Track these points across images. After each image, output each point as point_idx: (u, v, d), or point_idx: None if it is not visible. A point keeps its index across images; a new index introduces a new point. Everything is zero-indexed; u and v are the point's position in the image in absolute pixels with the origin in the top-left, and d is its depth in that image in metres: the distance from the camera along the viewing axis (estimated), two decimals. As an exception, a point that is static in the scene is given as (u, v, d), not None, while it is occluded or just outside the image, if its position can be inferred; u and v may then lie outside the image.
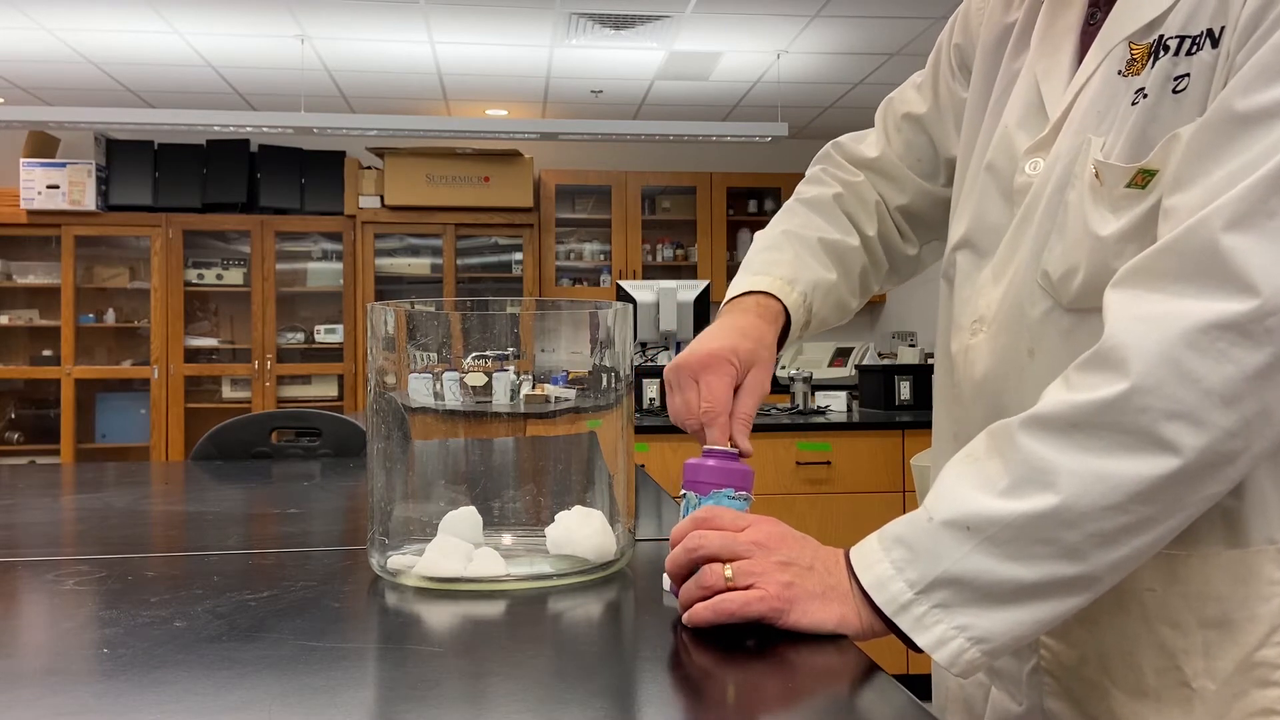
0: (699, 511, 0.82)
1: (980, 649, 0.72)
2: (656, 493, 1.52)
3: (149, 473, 2.03)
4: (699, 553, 0.77)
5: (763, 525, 0.79)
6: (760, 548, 0.76)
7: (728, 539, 0.77)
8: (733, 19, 4.70)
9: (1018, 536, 0.71)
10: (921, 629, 0.73)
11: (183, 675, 0.67)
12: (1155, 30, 0.77)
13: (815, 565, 0.77)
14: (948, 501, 0.74)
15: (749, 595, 0.74)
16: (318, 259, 6.53)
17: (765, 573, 0.75)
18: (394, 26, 4.76)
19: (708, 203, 6.69)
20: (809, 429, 3.49)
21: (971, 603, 0.72)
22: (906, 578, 0.73)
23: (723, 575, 0.75)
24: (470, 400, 0.94)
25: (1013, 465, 0.72)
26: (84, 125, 5.39)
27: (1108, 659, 0.81)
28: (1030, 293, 0.83)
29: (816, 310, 1.04)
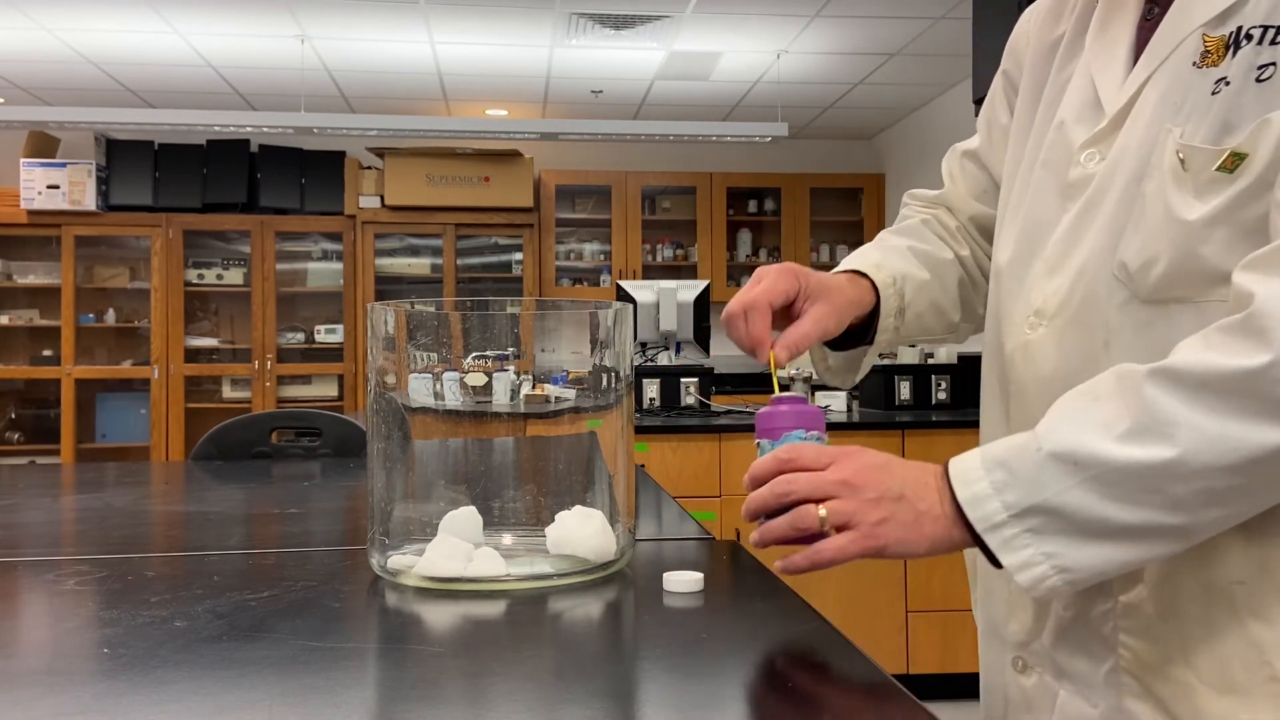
0: (780, 450, 0.82)
1: (1063, 578, 0.75)
2: (656, 493, 1.52)
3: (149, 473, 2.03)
4: (789, 498, 0.79)
5: (847, 461, 0.80)
6: (848, 486, 0.78)
7: (816, 481, 0.79)
8: (733, 19, 4.70)
9: (1125, 481, 0.72)
10: (1009, 550, 0.75)
11: (183, 675, 0.67)
12: (1230, 21, 0.78)
13: (905, 493, 0.79)
14: (1059, 435, 0.75)
15: (844, 541, 0.78)
16: (318, 259, 6.53)
17: (858, 512, 0.77)
18: (394, 26, 4.76)
19: (708, 203, 6.69)
20: (809, 429, 3.49)
21: (1063, 533, 0.74)
22: (1003, 499, 0.75)
23: (817, 517, 0.78)
24: (470, 400, 0.94)
25: (1135, 412, 0.73)
26: (84, 125, 5.39)
27: (1193, 655, 0.79)
28: (1105, 285, 0.82)
29: (910, 301, 1.04)
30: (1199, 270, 0.77)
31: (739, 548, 1.11)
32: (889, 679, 0.68)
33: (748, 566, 1.02)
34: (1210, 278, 0.77)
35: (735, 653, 0.74)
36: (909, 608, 3.49)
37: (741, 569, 1.02)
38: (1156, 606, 0.81)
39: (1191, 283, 0.78)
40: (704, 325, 4.17)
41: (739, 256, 6.84)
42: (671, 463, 3.44)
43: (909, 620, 3.49)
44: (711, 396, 3.96)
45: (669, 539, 1.18)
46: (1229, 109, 0.76)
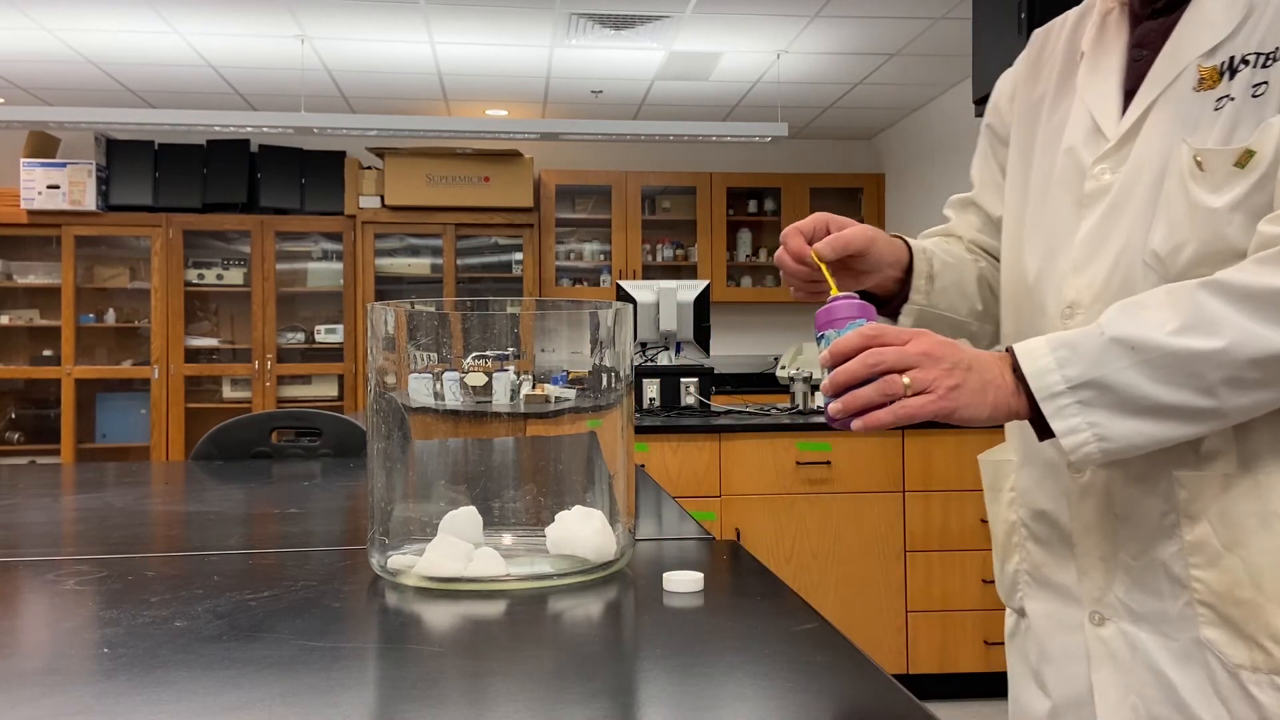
0: (866, 329, 0.93)
1: (1100, 446, 0.90)
2: (656, 493, 1.52)
3: (149, 473, 2.03)
4: (880, 366, 0.90)
5: (924, 338, 0.92)
6: (928, 357, 0.91)
7: (901, 353, 0.91)
8: (733, 19, 4.70)
9: (1171, 365, 0.88)
10: (1060, 417, 0.90)
11: (183, 675, 0.67)
12: (1220, 53, 0.96)
13: (973, 365, 0.92)
14: (1121, 325, 0.90)
15: (924, 400, 0.90)
16: (318, 259, 6.53)
17: (936, 379, 0.90)
18: (394, 26, 4.76)
19: (708, 203, 6.68)
20: (809, 429, 3.50)
21: (1109, 407, 0.89)
22: (1064, 373, 0.90)
23: (901, 383, 0.90)
24: (470, 400, 0.94)
25: (1185, 313, 0.88)
26: (84, 125, 5.38)
27: (1260, 576, 0.92)
28: (1139, 272, 0.97)
29: (937, 273, 1.17)
30: (1224, 249, 0.92)
31: (739, 548, 1.11)
32: (889, 679, 0.68)
33: (748, 566, 1.02)
34: (1231, 255, 0.91)
35: (735, 653, 0.74)
36: (909, 608, 3.49)
37: (741, 569, 1.02)
38: (1221, 539, 0.93)
39: (1216, 262, 0.92)
40: (704, 325, 4.17)
41: (739, 256, 6.84)
42: (671, 463, 3.44)
43: (909, 620, 3.49)
44: (711, 396, 3.96)
45: (669, 539, 1.18)
46: (1232, 120, 0.93)
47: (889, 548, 3.49)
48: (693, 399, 3.89)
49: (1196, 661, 0.95)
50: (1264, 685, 0.91)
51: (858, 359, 0.91)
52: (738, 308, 6.90)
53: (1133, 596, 1.00)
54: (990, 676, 3.51)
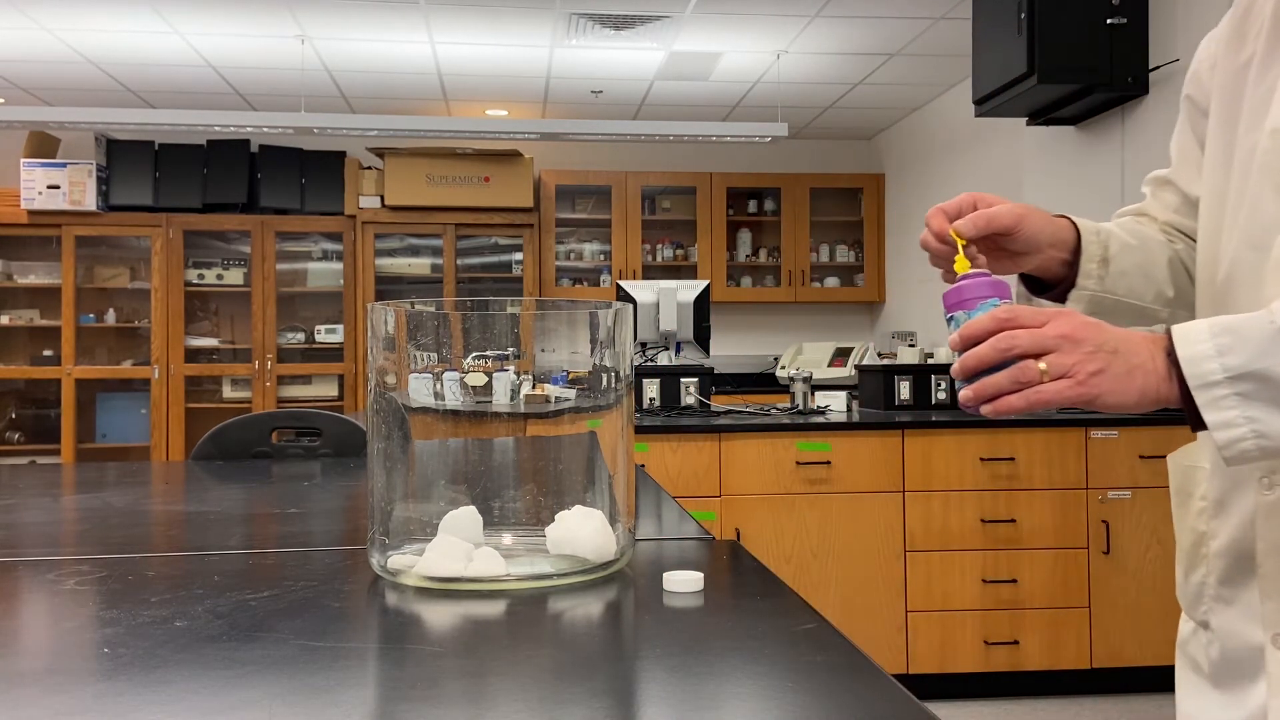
0: (999, 311, 0.86)
1: (1258, 443, 0.82)
2: (656, 493, 1.52)
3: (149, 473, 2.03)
4: (1013, 351, 0.84)
5: (1064, 318, 0.85)
6: (1068, 340, 0.84)
7: (1037, 336, 0.84)
8: (733, 19, 4.70)
9: None
10: (1216, 409, 0.82)
11: (183, 675, 0.67)
12: None
13: (1119, 348, 0.85)
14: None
15: (1060, 385, 0.83)
16: (318, 259, 6.53)
17: (1077, 364, 0.83)
18: (394, 26, 4.76)
19: (708, 203, 6.69)
20: (809, 429, 3.50)
21: (1271, 401, 0.81)
22: (1224, 361, 0.82)
23: (1038, 370, 0.83)
24: (470, 400, 0.94)
25: None
26: (84, 125, 5.39)
27: None
28: None
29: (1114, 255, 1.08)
30: None
31: (739, 548, 1.11)
32: (889, 679, 0.68)
33: (748, 566, 1.02)
34: None
35: (735, 653, 0.74)
36: (909, 608, 3.49)
37: (741, 569, 1.02)
38: None
39: None
40: (704, 325, 4.17)
41: (739, 256, 6.84)
42: (671, 463, 3.44)
43: (909, 620, 3.49)
44: (711, 396, 3.97)
45: (669, 539, 1.18)
46: None
47: (889, 548, 3.49)
48: (693, 399, 3.89)
49: None
50: None
51: (989, 343, 0.85)
52: (738, 308, 6.90)
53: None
54: (990, 676, 3.51)
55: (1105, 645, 3.49)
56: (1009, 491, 3.49)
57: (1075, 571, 3.50)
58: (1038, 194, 4.69)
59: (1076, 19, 3.71)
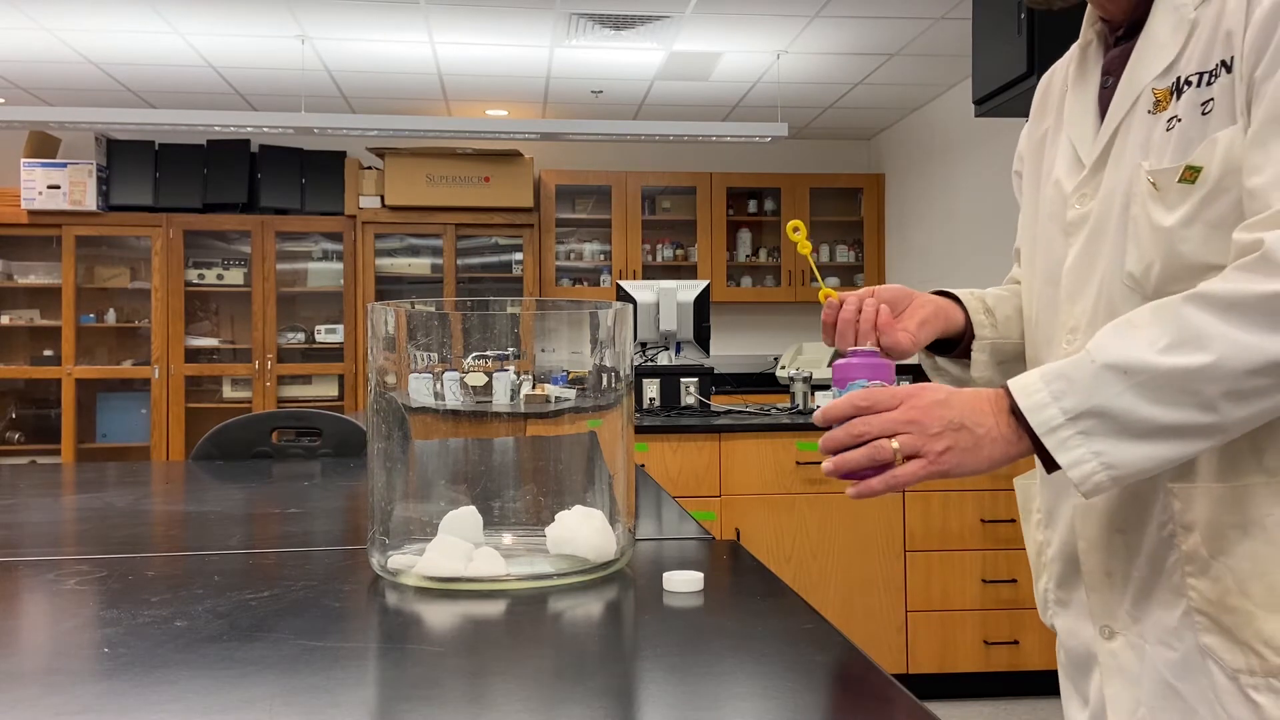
0: (856, 394, 0.94)
1: (1109, 474, 0.89)
2: (656, 493, 1.52)
3: (149, 473, 2.03)
4: (864, 438, 0.92)
5: (913, 400, 0.92)
6: (915, 424, 0.91)
7: (887, 421, 0.92)
8: (733, 19, 4.70)
9: (1166, 385, 0.87)
10: (1064, 450, 0.89)
11: (183, 675, 0.67)
12: (1170, 74, 0.98)
13: (964, 422, 0.92)
14: (1111, 350, 0.89)
15: (914, 467, 0.91)
16: (318, 259, 6.53)
17: (926, 444, 0.91)
18: (394, 26, 4.76)
19: (708, 203, 6.69)
20: (809, 429, 3.49)
21: (1111, 434, 0.88)
22: (1061, 405, 0.89)
23: (891, 450, 0.91)
24: (470, 400, 0.94)
25: (1172, 330, 0.88)
26: (84, 125, 5.38)
27: (1248, 584, 0.94)
28: (1120, 295, 1.00)
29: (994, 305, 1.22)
30: (1184, 265, 0.94)
31: (739, 548, 1.11)
32: (889, 679, 0.68)
33: (748, 566, 1.02)
34: (1194, 270, 0.93)
35: (735, 653, 0.74)
36: (909, 608, 3.49)
37: (741, 569, 1.02)
38: (1209, 549, 0.95)
39: (1180, 277, 0.93)
40: (704, 325, 4.17)
41: (739, 256, 6.84)
42: (671, 463, 3.44)
43: (909, 620, 3.49)
44: (711, 396, 3.97)
45: (669, 539, 1.18)
46: (1182, 139, 0.96)
47: (889, 548, 3.49)
48: (693, 399, 3.89)
49: (1198, 669, 0.97)
50: (1262, 689, 0.93)
51: (844, 428, 0.93)
52: (738, 308, 6.90)
53: (1138, 608, 1.02)
54: (990, 676, 3.51)
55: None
56: (1009, 491, 3.49)
57: (1075, 571, 3.49)
58: (1038, 194, 4.67)
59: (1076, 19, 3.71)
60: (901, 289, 1.18)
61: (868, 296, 1.14)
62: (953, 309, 1.20)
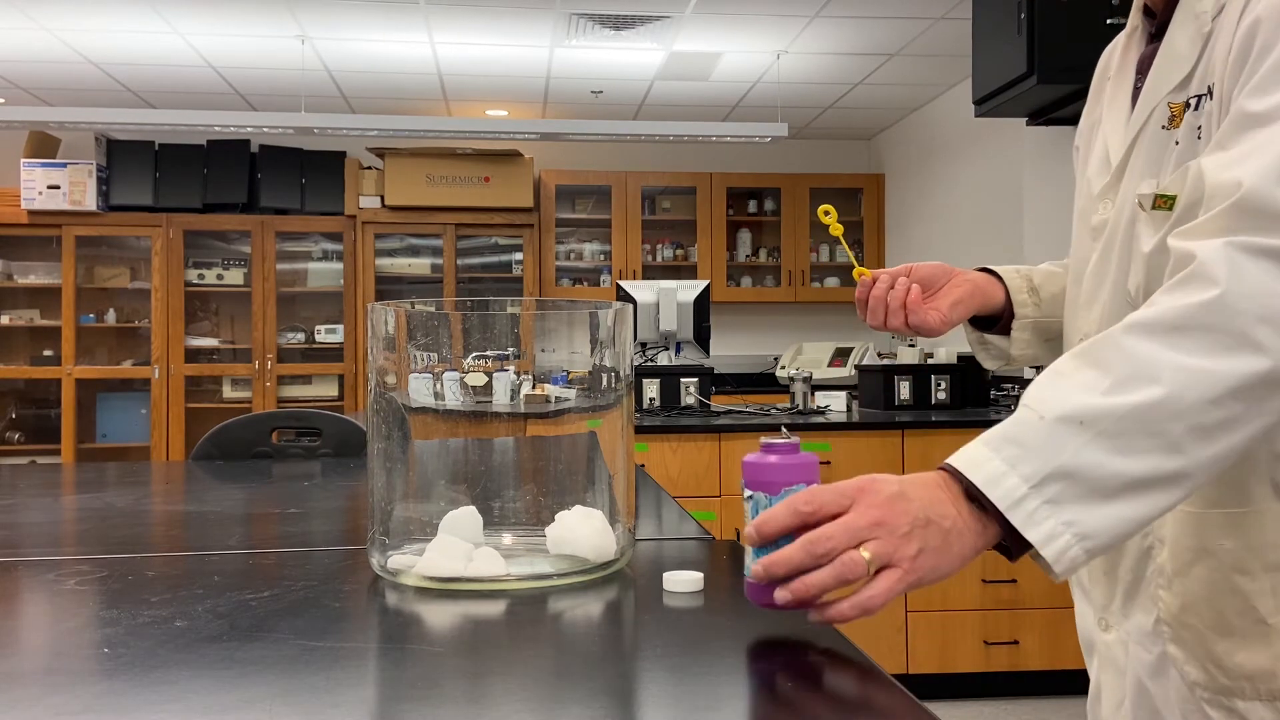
0: (798, 500, 0.76)
1: (1083, 546, 0.77)
2: (656, 493, 1.52)
3: (149, 473, 2.03)
4: (830, 554, 0.74)
5: (867, 499, 0.76)
6: (883, 526, 0.75)
7: (851, 529, 0.75)
8: (733, 19, 4.70)
9: (1128, 429, 0.76)
10: (1032, 525, 0.76)
11: (183, 675, 0.67)
12: (1186, 91, 0.96)
13: (930, 518, 0.77)
14: (1056, 402, 0.78)
15: (890, 582, 0.74)
16: (318, 259, 6.53)
17: (897, 550, 0.75)
18: (394, 26, 4.76)
19: (708, 203, 6.68)
20: (809, 429, 3.49)
21: (1080, 498, 0.76)
22: (1020, 473, 0.76)
23: (863, 563, 0.74)
24: (470, 400, 0.94)
25: (1115, 367, 0.78)
26: (84, 125, 5.38)
27: (1199, 606, 0.95)
28: (1120, 311, 0.97)
29: (1041, 284, 1.19)
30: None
31: (739, 548, 1.11)
32: (889, 679, 0.68)
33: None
34: None
35: (735, 653, 0.74)
36: (909, 608, 3.49)
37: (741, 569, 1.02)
38: (1173, 566, 0.97)
39: None
40: (704, 325, 4.17)
41: (739, 256, 6.84)
42: (671, 463, 3.44)
43: (909, 620, 3.49)
44: (711, 396, 3.96)
45: (669, 539, 1.18)
46: (1179, 163, 0.94)
47: (889, 548, 3.49)
48: (693, 399, 3.89)
49: (1166, 675, 0.99)
50: (1214, 704, 0.95)
51: (800, 545, 0.74)
52: (738, 308, 6.90)
53: (1125, 608, 1.04)
54: (990, 676, 3.51)
55: (1105, 645, 3.49)
56: (1009, 491, 3.49)
57: (1075, 571, 3.50)
58: (1037, 194, 4.69)
59: (1076, 19, 3.71)
60: (940, 266, 1.17)
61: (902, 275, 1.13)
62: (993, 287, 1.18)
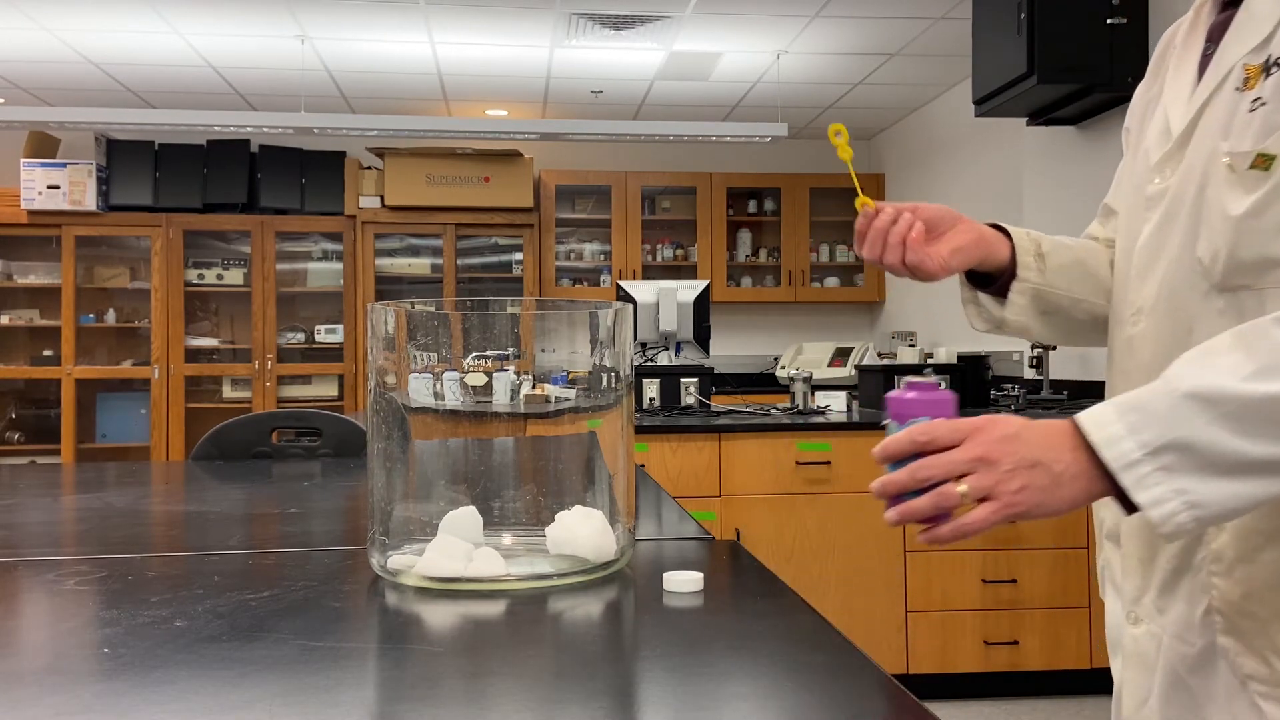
0: (916, 429, 0.84)
1: (1193, 514, 0.80)
2: (656, 493, 1.52)
3: (149, 473, 2.03)
4: (927, 481, 0.83)
5: (979, 436, 0.83)
6: (983, 461, 0.82)
7: (951, 462, 0.83)
8: (733, 19, 4.70)
9: (1254, 415, 0.79)
10: (1142, 488, 0.81)
11: (183, 675, 0.67)
12: (1264, 51, 0.93)
13: (1039, 458, 0.83)
14: (1192, 378, 0.82)
15: (986, 512, 0.82)
16: (318, 259, 6.53)
17: (997, 484, 0.82)
18: (394, 26, 4.76)
19: (708, 203, 6.68)
20: (809, 429, 3.50)
21: (1194, 470, 0.80)
22: (1139, 438, 0.81)
23: (958, 494, 0.82)
24: (470, 400, 0.94)
25: (1261, 354, 0.80)
26: (84, 125, 5.38)
27: (1265, 592, 0.91)
28: (1187, 280, 0.96)
29: (1049, 251, 1.15)
30: (1252, 258, 0.90)
31: (739, 547, 1.11)
32: (889, 679, 0.68)
33: (748, 566, 1.02)
34: (1262, 264, 0.89)
35: (735, 653, 0.74)
36: (909, 608, 3.49)
37: (741, 569, 1.02)
38: (1235, 551, 0.92)
39: (1247, 271, 0.90)
40: (704, 325, 4.17)
41: (739, 256, 6.84)
42: (671, 463, 3.44)
43: (909, 620, 3.49)
44: (711, 396, 3.97)
45: (669, 539, 1.18)
46: (1265, 123, 0.90)
47: (889, 547, 3.49)
48: (693, 399, 3.89)
49: (1211, 668, 0.95)
50: (1269, 697, 0.91)
51: (905, 470, 0.84)
52: (738, 308, 6.90)
53: (1163, 599, 1.00)
54: (990, 676, 3.51)
55: (1105, 645, 3.49)
56: (1009, 491, 3.49)
57: (1075, 571, 3.50)
58: (1037, 194, 4.69)
59: (1076, 19, 3.71)
60: (947, 210, 1.13)
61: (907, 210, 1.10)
62: (998, 243, 1.14)
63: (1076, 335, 1.23)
